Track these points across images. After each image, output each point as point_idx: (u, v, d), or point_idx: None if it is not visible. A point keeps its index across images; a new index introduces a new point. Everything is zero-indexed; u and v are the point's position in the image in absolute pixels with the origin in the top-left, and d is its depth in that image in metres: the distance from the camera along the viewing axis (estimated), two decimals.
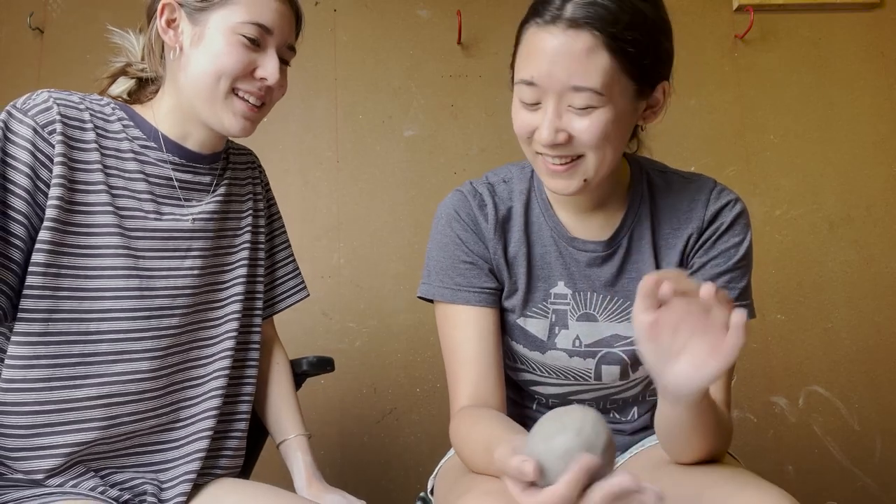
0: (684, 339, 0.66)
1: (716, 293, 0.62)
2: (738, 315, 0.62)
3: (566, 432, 0.62)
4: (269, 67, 0.91)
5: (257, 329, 1.05)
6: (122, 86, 0.99)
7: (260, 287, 1.06)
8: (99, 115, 0.91)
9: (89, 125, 0.89)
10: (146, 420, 0.90)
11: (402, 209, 1.90)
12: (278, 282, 1.13)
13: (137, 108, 0.96)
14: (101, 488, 0.85)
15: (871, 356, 1.90)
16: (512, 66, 0.86)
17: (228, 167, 1.04)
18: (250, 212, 1.05)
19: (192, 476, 0.91)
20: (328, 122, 1.93)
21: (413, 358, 1.84)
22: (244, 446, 1.02)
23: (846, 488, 1.84)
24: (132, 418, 0.88)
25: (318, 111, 1.94)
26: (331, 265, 1.86)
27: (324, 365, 1.19)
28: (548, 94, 0.78)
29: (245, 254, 1.02)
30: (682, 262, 0.92)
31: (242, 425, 1.01)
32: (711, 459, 0.84)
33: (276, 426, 1.07)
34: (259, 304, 1.05)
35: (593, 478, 0.60)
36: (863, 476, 1.85)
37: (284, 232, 1.15)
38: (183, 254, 0.94)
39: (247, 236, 1.03)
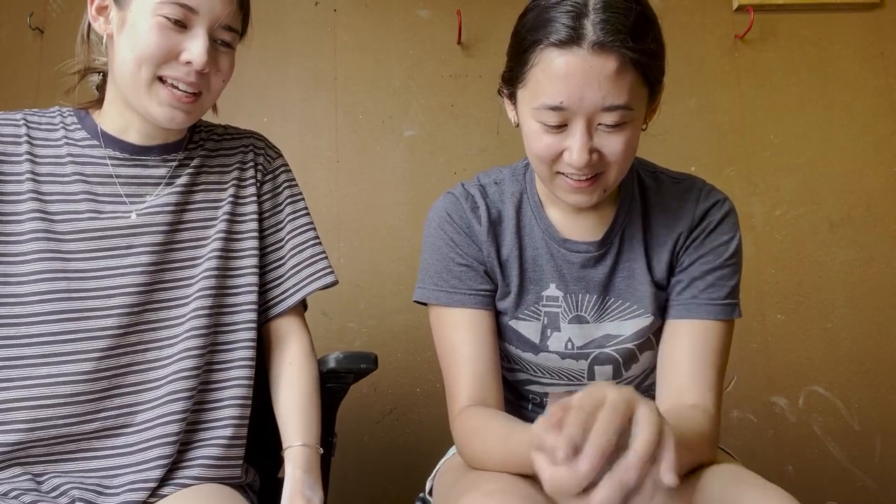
0: None
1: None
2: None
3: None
4: (194, 50, 0.85)
5: (245, 326, 0.96)
6: (95, 81, 0.99)
7: (245, 280, 0.97)
8: (39, 126, 0.94)
9: (23, 139, 0.92)
10: (83, 424, 0.86)
11: (402, 209, 1.90)
12: (292, 272, 1.02)
13: (94, 111, 0.96)
14: (16, 492, 0.83)
15: (871, 356, 1.89)
16: (510, 86, 0.84)
17: (199, 156, 0.99)
18: (229, 199, 0.98)
19: (149, 484, 0.85)
20: (328, 122, 1.93)
21: (413, 358, 1.84)
22: (236, 455, 0.93)
23: (846, 488, 1.84)
24: (65, 421, 0.86)
25: (318, 111, 1.94)
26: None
27: (357, 361, 1.03)
28: (577, 115, 0.76)
29: (217, 245, 0.95)
30: (673, 261, 0.92)
31: (227, 432, 0.92)
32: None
33: (282, 433, 0.96)
34: (246, 298, 0.96)
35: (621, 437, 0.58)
36: (863, 476, 1.85)
37: (301, 216, 1.05)
38: (123, 252, 0.90)
39: (221, 225, 0.96)
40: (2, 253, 0.87)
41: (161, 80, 0.87)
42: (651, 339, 0.94)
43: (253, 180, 1.02)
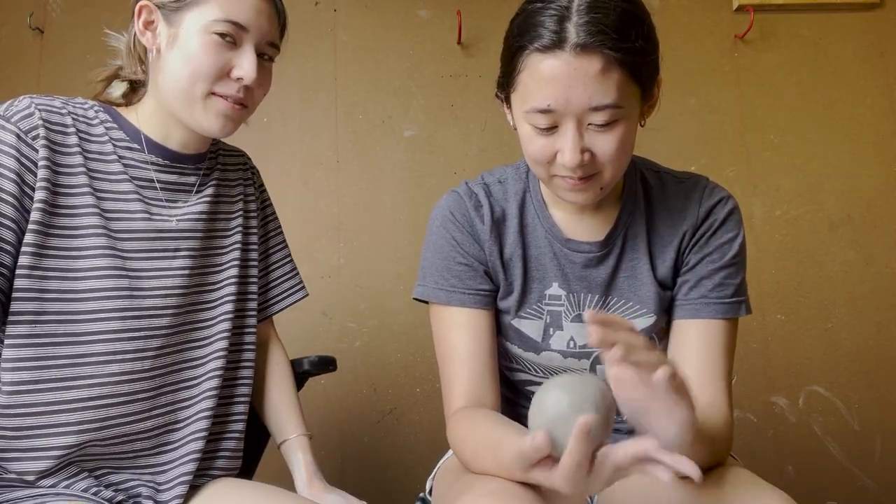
0: (647, 397, 0.63)
1: (664, 377, 0.60)
2: (660, 372, 0.60)
3: (552, 391, 0.65)
4: (245, 66, 0.89)
5: (251, 330, 1.04)
6: (119, 89, 0.98)
7: (253, 288, 1.05)
8: (82, 118, 0.91)
9: (72, 129, 0.89)
10: (142, 421, 0.89)
11: (402, 209, 1.90)
12: (275, 283, 1.12)
13: (123, 111, 0.96)
14: (94, 489, 0.84)
15: (871, 356, 1.90)
16: (504, 91, 0.85)
17: (217, 168, 1.03)
18: (240, 213, 1.04)
19: (188, 478, 0.91)
20: (328, 122, 1.93)
21: (413, 358, 1.84)
22: (241, 447, 1.02)
23: (846, 488, 1.84)
24: (125, 419, 0.88)
25: (318, 111, 1.94)
26: (331, 265, 1.86)
27: (326, 364, 1.19)
28: (566, 117, 0.77)
29: (236, 254, 1.01)
30: (678, 260, 0.92)
31: (239, 426, 1.01)
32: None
33: (277, 427, 1.06)
34: (252, 304, 1.05)
35: (601, 431, 0.62)
36: (863, 476, 1.85)
37: (280, 233, 1.15)
38: (171, 254, 0.93)
39: (237, 237, 1.02)
40: (60, 247, 0.85)
41: (212, 94, 0.90)
42: (654, 338, 0.93)
43: (253, 196, 1.09)
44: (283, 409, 1.07)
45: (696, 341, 0.89)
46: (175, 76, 0.89)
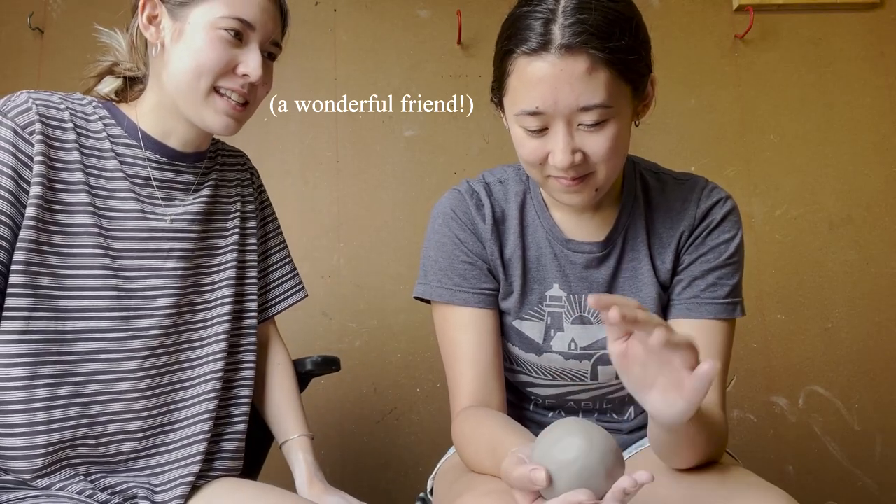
0: (654, 373, 0.64)
1: (669, 341, 0.60)
2: (707, 366, 0.60)
3: (576, 438, 0.62)
4: (251, 63, 0.89)
5: (250, 331, 1.03)
6: (110, 85, 0.97)
7: (252, 289, 1.04)
8: (80, 114, 0.91)
9: (69, 125, 0.88)
10: (132, 421, 0.89)
11: (402, 209, 1.90)
12: (274, 284, 1.12)
13: (122, 107, 0.95)
14: (88, 491, 0.84)
15: (871, 356, 1.90)
16: (497, 94, 0.85)
17: (215, 168, 1.03)
18: (238, 213, 1.03)
19: (190, 479, 0.91)
20: (328, 122, 1.93)
21: (413, 358, 1.84)
22: (243, 448, 1.02)
23: (846, 488, 1.84)
24: (115, 418, 0.87)
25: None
26: (331, 265, 1.86)
27: (329, 364, 1.17)
28: (555, 118, 0.77)
29: (233, 255, 1.01)
30: (676, 261, 0.92)
31: (240, 427, 1.00)
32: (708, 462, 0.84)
33: (278, 427, 1.06)
34: (251, 306, 1.04)
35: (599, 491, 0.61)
36: (863, 476, 1.85)
37: (280, 234, 1.14)
38: (165, 254, 0.93)
39: (234, 237, 1.02)
40: (53, 243, 0.85)
41: (216, 90, 0.90)
42: None
43: (252, 197, 1.08)
44: (285, 409, 1.07)
45: None
46: (180, 70, 0.89)
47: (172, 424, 0.93)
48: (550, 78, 0.75)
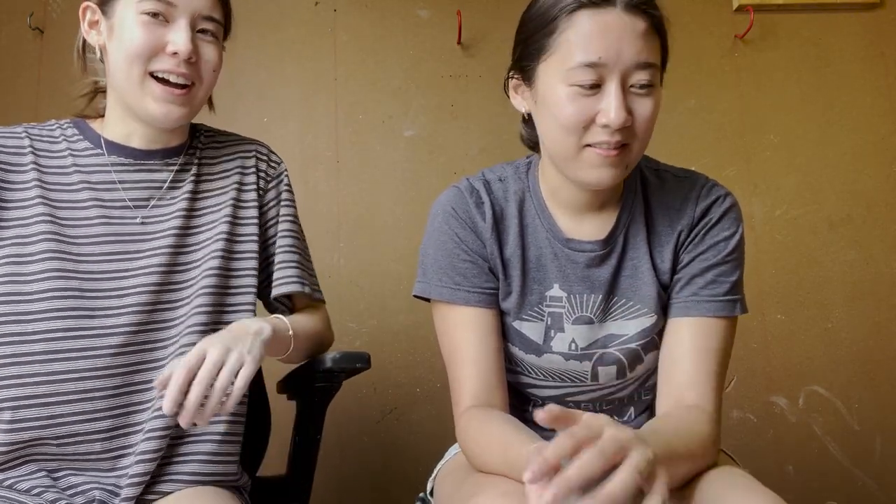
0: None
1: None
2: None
3: None
4: (177, 40, 0.90)
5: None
6: (101, 102, 1.03)
7: (245, 281, 0.99)
8: (40, 138, 0.98)
9: (27, 150, 0.96)
10: (96, 421, 0.88)
11: (402, 209, 1.90)
12: (273, 271, 1.05)
13: (95, 121, 1.00)
14: (38, 489, 0.84)
15: (871, 356, 1.89)
16: (529, 61, 0.85)
17: (195, 163, 1.01)
18: (229, 203, 1.01)
19: (144, 478, 0.86)
20: (328, 122, 1.93)
21: (413, 358, 1.84)
22: (230, 451, 0.94)
23: (846, 488, 1.84)
24: (75, 419, 0.87)
25: (318, 111, 1.93)
26: (331, 265, 1.86)
27: (353, 361, 1.02)
28: (612, 73, 0.79)
29: (218, 245, 0.97)
30: (675, 259, 0.92)
31: (220, 428, 0.93)
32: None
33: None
34: (244, 298, 0.99)
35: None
36: (863, 476, 1.85)
37: (287, 223, 1.07)
38: (133, 255, 0.94)
39: (221, 227, 0.99)
40: (8, 255, 0.90)
41: (153, 76, 0.92)
42: (655, 339, 0.93)
43: (254, 186, 1.05)
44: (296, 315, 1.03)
45: (687, 339, 0.88)
46: (117, 64, 0.92)
47: (138, 425, 0.90)
48: (617, 29, 0.78)
